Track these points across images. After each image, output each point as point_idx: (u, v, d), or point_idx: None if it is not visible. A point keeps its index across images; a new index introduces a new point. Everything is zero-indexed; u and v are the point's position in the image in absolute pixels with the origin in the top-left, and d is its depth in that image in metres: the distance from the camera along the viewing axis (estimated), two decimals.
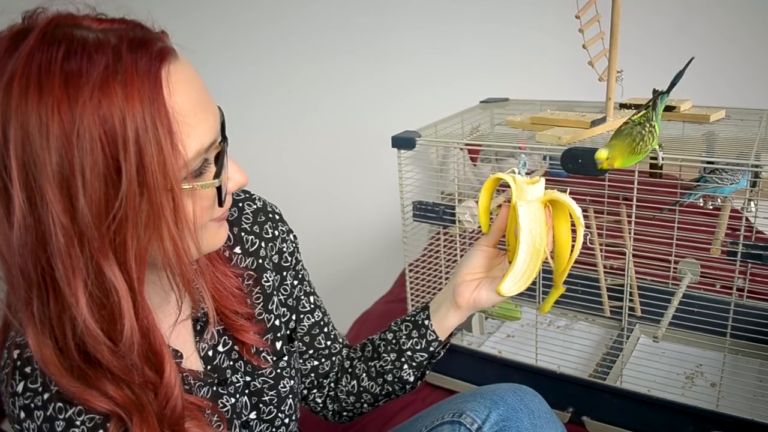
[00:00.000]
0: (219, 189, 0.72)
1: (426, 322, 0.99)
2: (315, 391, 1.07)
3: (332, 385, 1.07)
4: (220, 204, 0.74)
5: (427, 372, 1.03)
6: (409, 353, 1.00)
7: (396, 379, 1.02)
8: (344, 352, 1.09)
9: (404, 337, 1.00)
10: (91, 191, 0.61)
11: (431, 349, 0.99)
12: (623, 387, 1.31)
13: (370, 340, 1.07)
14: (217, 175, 0.71)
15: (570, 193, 0.91)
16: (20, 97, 0.60)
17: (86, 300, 0.65)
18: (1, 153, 0.61)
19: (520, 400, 0.92)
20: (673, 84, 1.16)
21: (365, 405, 1.06)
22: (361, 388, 1.04)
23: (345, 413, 1.08)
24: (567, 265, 0.87)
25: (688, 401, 1.24)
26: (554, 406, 1.02)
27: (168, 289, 0.72)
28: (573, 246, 0.87)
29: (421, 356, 1.00)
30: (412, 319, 1.01)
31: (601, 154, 1.08)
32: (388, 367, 1.01)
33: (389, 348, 1.01)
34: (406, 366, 1.00)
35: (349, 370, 1.06)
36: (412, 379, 1.02)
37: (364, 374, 1.04)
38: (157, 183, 0.64)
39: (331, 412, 1.09)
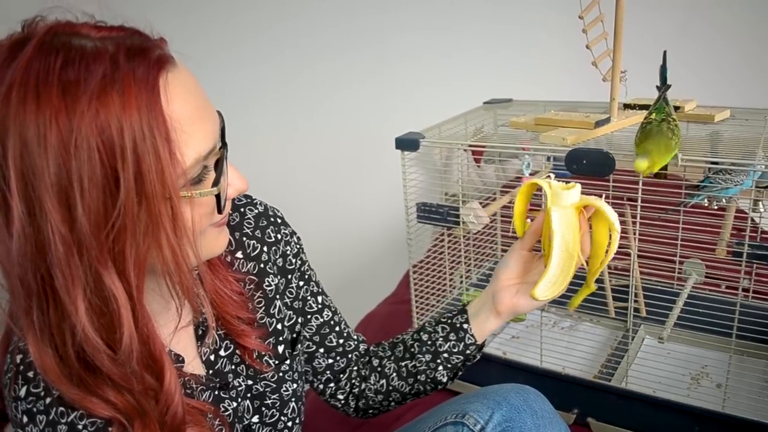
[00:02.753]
0: (218, 196, 0.72)
1: (465, 325, 1.00)
2: (332, 385, 1.08)
3: (354, 382, 1.07)
4: (220, 211, 0.74)
5: (460, 373, 1.04)
6: (445, 355, 1.01)
7: (429, 380, 1.03)
8: (361, 348, 1.09)
9: (441, 339, 1.01)
10: (89, 201, 0.62)
11: (468, 352, 1.01)
12: (628, 388, 1.30)
13: (400, 339, 1.07)
14: (217, 182, 0.71)
15: None
16: (18, 107, 0.60)
17: (86, 308, 0.65)
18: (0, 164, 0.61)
19: (523, 401, 0.92)
20: (663, 77, 1.14)
21: (392, 403, 1.07)
22: (391, 387, 1.05)
23: (371, 411, 1.09)
24: (600, 267, 0.90)
25: (693, 402, 1.24)
26: (559, 407, 1.01)
27: (168, 296, 0.72)
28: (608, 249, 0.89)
29: (457, 359, 1.01)
30: (450, 321, 1.02)
31: (641, 166, 1.07)
32: (422, 367, 1.02)
33: (424, 349, 1.02)
34: (441, 368, 1.01)
35: (378, 369, 1.06)
36: (445, 380, 1.03)
37: (395, 374, 1.04)
38: (156, 192, 0.64)
39: (353, 409, 1.10)
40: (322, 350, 1.05)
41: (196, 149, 0.67)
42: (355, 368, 1.08)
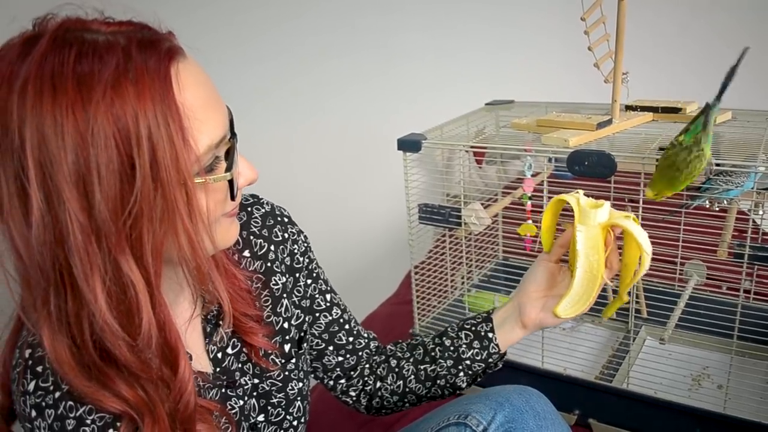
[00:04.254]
0: (231, 182, 0.73)
1: (490, 334, 1.01)
2: (343, 381, 1.08)
3: (367, 380, 1.08)
4: (232, 197, 0.75)
5: (479, 379, 1.04)
6: (467, 362, 1.02)
7: (448, 385, 1.03)
8: (372, 345, 1.10)
9: (464, 346, 1.02)
10: (106, 188, 0.63)
11: (490, 360, 1.02)
12: (630, 389, 1.30)
13: (419, 342, 1.08)
14: (229, 169, 0.73)
15: None
16: (35, 99, 0.61)
17: (104, 296, 0.66)
18: (18, 154, 0.62)
19: (525, 402, 0.92)
20: (724, 86, 1.12)
21: (407, 404, 1.08)
22: (407, 389, 1.05)
23: (384, 410, 1.10)
24: (631, 282, 0.90)
25: (694, 403, 1.24)
26: (561, 409, 1.02)
27: (184, 284, 0.73)
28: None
29: (479, 366, 1.02)
30: (474, 329, 1.02)
31: (649, 194, 1.07)
32: (443, 372, 1.03)
33: (446, 354, 1.03)
34: (462, 374, 1.02)
35: (396, 370, 1.07)
36: (464, 385, 1.04)
37: (413, 376, 1.05)
38: (171, 178, 0.65)
39: (364, 406, 1.10)
40: (331, 348, 1.05)
41: (209, 136, 0.69)
42: (367, 366, 1.09)
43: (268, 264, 0.95)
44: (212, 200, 0.72)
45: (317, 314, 1.04)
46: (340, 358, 1.07)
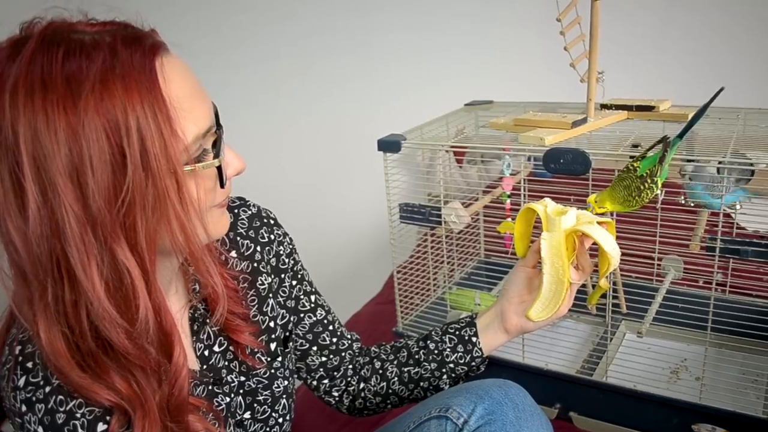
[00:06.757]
0: (219, 169, 0.76)
1: (474, 339, 1.04)
2: (326, 382, 1.10)
3: (351, 380, 1.10)
4: (222, 184, 0.77)
5: (461, 381, 1.07)
6: (451, 365, 1.04)
7: (431, 387, 1.06)
8: (355, 346, 1.12)
9: (448, 350, 1.05)
10: (99, 179, 0.65)
11: (473, 364, 1.05)
12: (609, 382, 1.33)
13: (404, 345, 1.10)
14: (217, 156, 0.75)
15: (553, 193, 0.94)
16: (26, 98, 0.63)
17: (102, 284, 0.68)
18: (12, 151, 0.64)
19: (504, 395, 0.94)
20: (690, 124, 1.14)
21: (389, 406, 1.10)
22: (390, 391, 1.08)
23: (366, 411, 1.12)
24: (606, 271, 0.94)
25: (672, 395, 1.26)
26: (542, 403, 1.03)
27: (179, 272, 0.75)
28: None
29: (462, 369, 1.05)
30: (458, 333, 1.05)
31: (590, 198, 1.10)
32: (427, 375, 1.05)
33: (430, 358, 1.05)
34: (445, 377, 1.05)
35: (380, 371, 1.09)
36: (446, 387, 1.06)
37: (396, 378, 1.07)
38: (161, 166, 0.67)
39: (346, 407, 1.12)
40: (315, 348, 1.07)
41: (196, 125, 0.72)
42: (350, 366, 1.11)
43: (255, 264, 0.97)
44: (202, 188, 0.75)
45: (302, 315, 1.06)
46: (324, 359, 1.08)
